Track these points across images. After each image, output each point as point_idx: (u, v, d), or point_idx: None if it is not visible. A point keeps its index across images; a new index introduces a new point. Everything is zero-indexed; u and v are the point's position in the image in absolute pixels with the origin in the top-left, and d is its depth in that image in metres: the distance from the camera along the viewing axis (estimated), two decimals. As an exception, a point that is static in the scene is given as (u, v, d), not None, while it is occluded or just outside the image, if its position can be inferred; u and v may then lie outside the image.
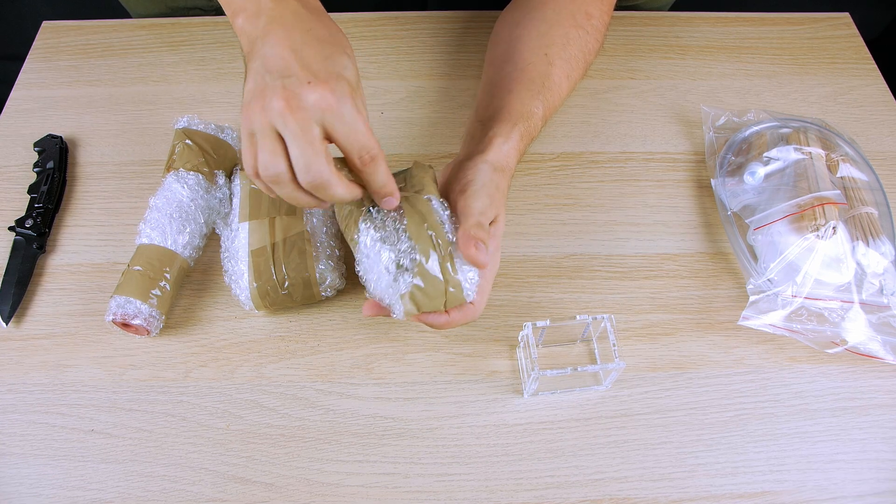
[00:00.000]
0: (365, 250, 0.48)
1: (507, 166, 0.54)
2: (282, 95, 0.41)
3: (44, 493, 0.50)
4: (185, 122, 0.63)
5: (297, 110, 0.41)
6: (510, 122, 0.55)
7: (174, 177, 0.60)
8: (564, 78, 0.60)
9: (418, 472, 0.52)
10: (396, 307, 0.47)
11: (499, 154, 0.53)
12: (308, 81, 0.41)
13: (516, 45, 0.61)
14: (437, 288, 0.47)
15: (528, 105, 0.57)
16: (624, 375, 0.56)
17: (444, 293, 0.47)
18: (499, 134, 0.54)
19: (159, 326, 0.56)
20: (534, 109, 0.57)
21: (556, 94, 0.59)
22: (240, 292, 0.55)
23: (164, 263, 0.56)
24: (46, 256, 0.62)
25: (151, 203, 0.59)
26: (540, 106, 0.58)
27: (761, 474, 0.52)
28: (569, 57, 0.60)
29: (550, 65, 0.59)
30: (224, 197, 0.61)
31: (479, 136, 0.56)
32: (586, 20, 0.61)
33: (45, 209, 0.62)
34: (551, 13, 0.61)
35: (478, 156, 0.53)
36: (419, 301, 0.47)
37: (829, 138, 0.66)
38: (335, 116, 0.42)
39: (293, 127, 0.41)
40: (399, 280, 0.47)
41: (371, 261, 0.48)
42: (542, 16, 0.61)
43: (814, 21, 0.80)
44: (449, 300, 0.47)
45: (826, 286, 0.57)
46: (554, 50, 0.59)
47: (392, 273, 0.47)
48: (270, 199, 0.57)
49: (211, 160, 0.62)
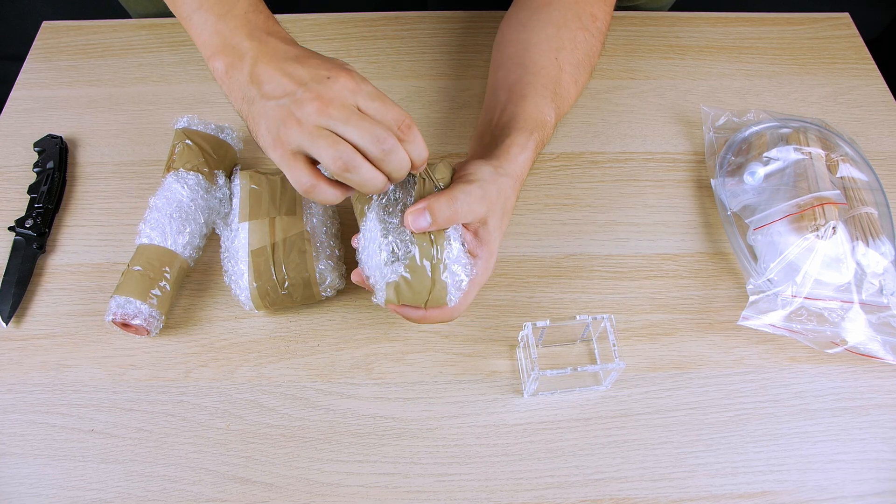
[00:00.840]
0: (369, 224, 0.48)
1: (520, 176, 0.54)
2: (310, 98, 0.43)
3: (44, 493, 0.50)
4: (185, 123, 0.63)
5: (333, 100, 0.42)
6: (527, 130, 0.55)
7: (174, 177, 0.60)
8: (573, 83, 0.60)
9: (418, 472, 0.52)
10: (379, 291, 0.48)
11: (515, 164, 0.53)
12: (326, 77, 0.43)
13: (526, 47, 0.60)
14: (423, 285, 0.47)
15: (543, 112, 0.57)
16: (624, 375, 0.56)
17: (429, 292, 0.47)
18: (516, 143, 0.54)
19: (159, 326, 0.56)
20: (547, 117, 0.57)
21: (566, 101, 0.59)
22: (240, 292, 0.55)
23: (164, 263, 0.56)
24: (46, 256, 0.62)
25: (151, 203, 0.59)
26: (552, 113, 0.58)
27: (761, 474, 0.52)
28: (577, 62, 0.60)
29: (561, 70, 0.59)
30: (224, 197, 0.61)
31: (493, 143, 0.55)
32: (591, 22, 0.61)
33: (45, 209, 0.62)
34: (557, 14, 0.60)
35: (492, 161, 0.52)
36: (402, 292, 0.47)
37: (829, 138, 0.66)
38: (364, 95, 0.43)
39: (338, 114, 0.42)
40: (390, 266, 0.47)
41: (369, 237, 0.48)
42: (549, 17, 0.61)
43: (814, 21, 0.80)
44: (431, 300, 0.47)
45: (826, 286, 0.57)
46: (563, 55, 0.59)
47: (385, 257, 0.47)
48: (270, 198, 0.57)
49: (211, 160, 0.62)
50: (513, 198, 0.53)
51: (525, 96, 0.57)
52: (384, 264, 0.47)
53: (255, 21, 0.48)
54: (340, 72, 0.44)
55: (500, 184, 0.50)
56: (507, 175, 0.51)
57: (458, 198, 0.47)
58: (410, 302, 0.47)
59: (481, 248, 0.49)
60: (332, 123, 0.42)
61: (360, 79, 0.44)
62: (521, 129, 0.54)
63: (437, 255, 0.47)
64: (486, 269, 0.50)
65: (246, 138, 0.67)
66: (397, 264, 0.47)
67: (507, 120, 0.56)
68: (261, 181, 0.59)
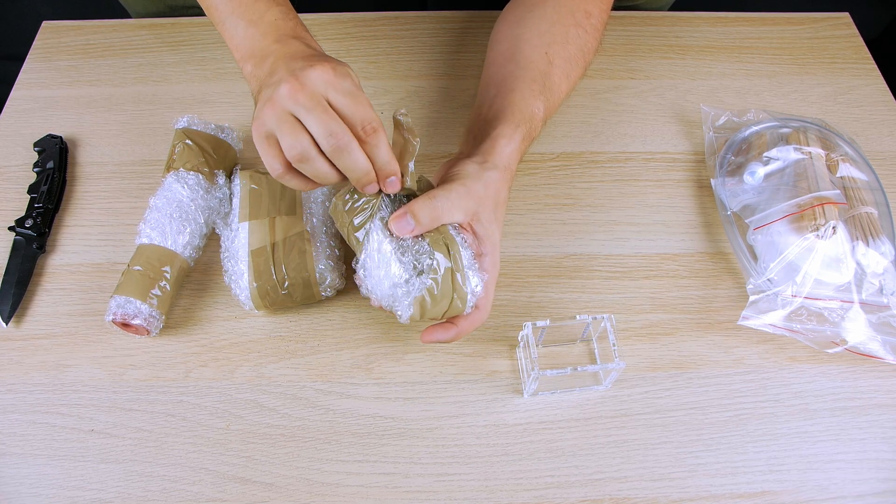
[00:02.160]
0: (374, 246, 0.48)
1: (508, 166, 0.54)
2: (287, 81, 0.44)
3: (44, 493, 0.50)
4: (185, 122, 0.63)
5: (304, 87, 0.43)
6: (513, 123, 0.55)
7: (174, 177, 0.60)
8: (564, 78, 0.60)
9: (418, 472, 0.52)
10: (403, 309, 0.47)
11: (501, 155, 0.53)
12: (310, 65, 0.44)
13: (518, 43, 0.61)
14: (445, 295, 0.47)
15: (531, 106, 0.57)
16: (624, 375, 0.56)
17: (450, 302, 0.47)
18: (503, 135, 0.54)
19: (159, 326, 0.56)
20: (535, 110, 0.57)
21: (555, 95, 0.59)
22: (240, 292, 0.55)
23: (163, 263, 0.56)
24: (46, 256, 0.62)
25: (151, 203, 0.59)
26: (541, 107, 0.58)
27: (761, 474, 0.52)
28: (568, 56, 0.60)
29: (550, 64, 0.59)
30: (224, 197, 0.61)
31: (480, 136, 0.55)
32: (585, 19, 0.61)
33: (45, 209, 0.62)
34: (551, 11, 0.61)
35: (476, 156, 0.53)
36: (426, 306, 0.47)
37: (829, 138, 0.66)
38: (338, 89, 0.44)
39: (304, 101, 0.43)
40: (411, 283, 0.47)
41: (379, 259, 0.48)
42: (543, 14, 0.61)
43: (814, 21, 0.80)
44: (451, 310, 0.48)
45: (826, 286, 0.57)
46: (554, 49, 0.59)
47: (404, 275, 0.47)
48: (270, 198, 0.57)
49: (211, 160, 0.62)
50: (504, 189, 0.53)
51: (513, 90, 0.58)
52: (405, 282, 0.47)
53: (284, 28, 0.51)
54: (324, 63, 0.45)
55: (487, 178, 0.51)
56: (495, 168, 0.52)
57: (437, 196, 0.49)
58: (432, 315, 0.48)
59: (483, 244, 0.50)
60: (297, 109, 0.43)
61: (342, 74, 0.45)
62: (508, 122, 0.55)
63: (457, 263, 0.47)
64: (494, 265, 0.51)
65: (247, 138, 0.67)
66: (422, 277, 0.47)
67: (494, 113, 0.57)
68: (261, 181, 0.59)
